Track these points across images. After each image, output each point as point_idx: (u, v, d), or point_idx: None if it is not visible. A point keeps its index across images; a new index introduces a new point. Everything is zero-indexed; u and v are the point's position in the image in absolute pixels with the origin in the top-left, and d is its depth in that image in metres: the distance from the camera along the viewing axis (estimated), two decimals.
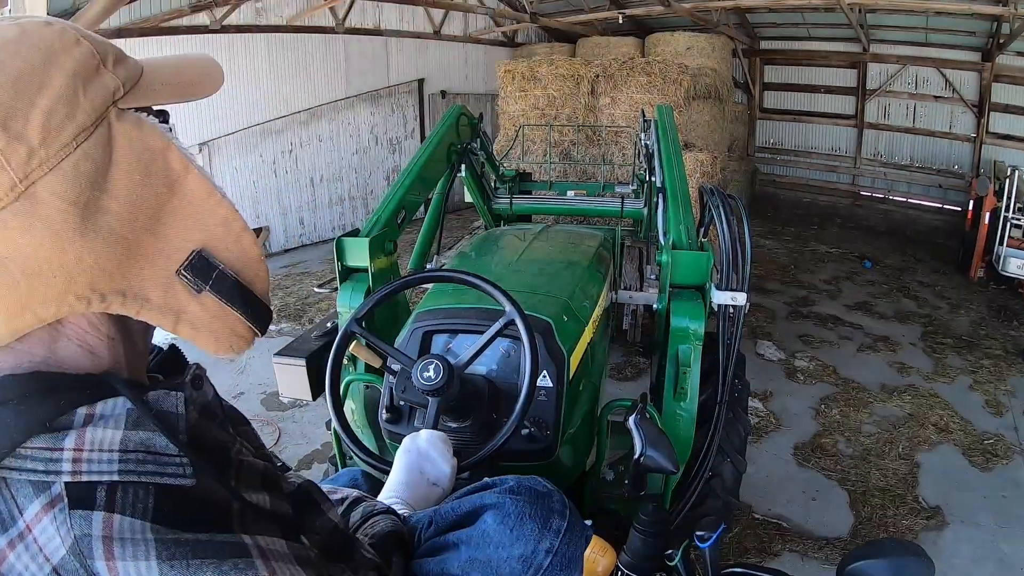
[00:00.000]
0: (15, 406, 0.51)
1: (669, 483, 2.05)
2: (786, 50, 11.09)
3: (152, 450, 0.53)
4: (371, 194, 9.87)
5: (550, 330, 1.79)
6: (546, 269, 2.45)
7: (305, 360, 2.23)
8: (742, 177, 11.08)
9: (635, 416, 1.29)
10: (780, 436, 4.16)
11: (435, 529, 0.98)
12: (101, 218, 0.52)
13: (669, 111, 3.72)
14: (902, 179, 10.49)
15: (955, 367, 5.35)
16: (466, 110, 3.70)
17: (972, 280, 7.71)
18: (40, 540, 0.49)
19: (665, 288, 2.21)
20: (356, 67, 9.35)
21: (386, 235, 2.40)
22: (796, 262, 8.39)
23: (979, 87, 9.40)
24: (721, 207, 2.32)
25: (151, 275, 0.57)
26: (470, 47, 11.14)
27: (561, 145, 7.81)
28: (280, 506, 0.63)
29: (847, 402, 4.64)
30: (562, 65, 7.89)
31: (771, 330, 5.97)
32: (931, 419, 4.48)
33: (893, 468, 3.89)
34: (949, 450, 4.15)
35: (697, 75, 9.16)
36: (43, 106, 0.49)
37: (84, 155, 0.51)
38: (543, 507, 0.92)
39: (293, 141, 8.74)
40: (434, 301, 2.02)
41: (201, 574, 0.50)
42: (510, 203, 4.57)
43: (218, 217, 0.61)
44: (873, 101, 10.46)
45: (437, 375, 1.34)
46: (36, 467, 0.50)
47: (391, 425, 1.73)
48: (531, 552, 0.90)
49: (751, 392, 4.54)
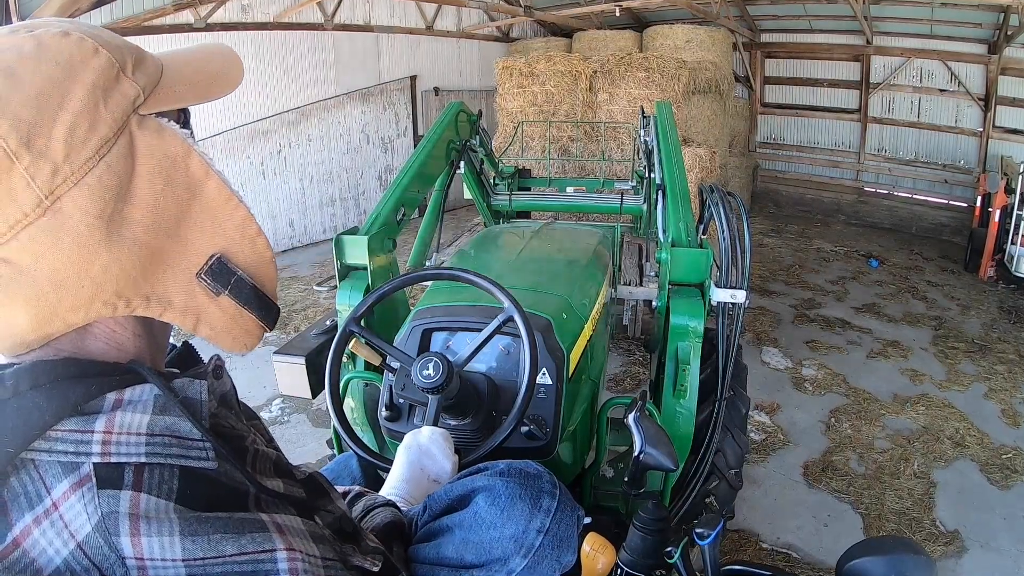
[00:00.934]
0: (47, 390, 0.52)
1: (668, 480, 2.07)
2: (787, 43, 10.83)
3: (177, 434, 0.55)
4: (363, 194, 9.64)
5: (550, 328, 1.79)
6: (545, 267, 2.44)
7: (304, 358, 2.24)
8: (743, 173, 10.83)
9: (634, 413, 1.26)
10: (788, 454, 3.93)
11: (429, 514, 1.00)
12: (125, 227, 0.54)
13: (668, 108, 3.70)
14: (907, 175, 10.25)
15: (968, 374, 5.13)
16: (465, 107, 3.66)
17: (982, 280, 7.49)
18: (66, 517, 0.50)
19: (665, 285, 2.22)
20: (346, 64, 9.10)
21: (385, 233, 2.41)
22: (801, 261, 8.17)
23: (985, 80, 9.16)
24: (720, 204, 2.30)
25: (173, 279, 0.59)
26: (464, 43, 10.88)
27: (560, 141, 7.75)
28: (294, 490, 0.65)
29: (858, 414, 4.42)
30: (560, 61, 7.81)
31: (776, 335, 5.74)
32: (946, 432, 4.26)
33: (908, 488, 3.68)
34: (966, 466, 3.94)
35: (696, 69, 8.96)
36: (65, 121, 0.50)
37: (107, 168, 0.52)
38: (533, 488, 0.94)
39: (281, 142, 8.49)
40: (433, 299, 2.02)
41: (221, 548, 0.52)
42: (509, 200, 4.56)
43: (235, 221, 0.62)
44: (877, 95, 10.21)
45: (437, 373, 1.34)
46: (66, 448, 0.51)
47: (391, 423, 1.74)
48: (522, 532, 0.93)
49: (755, 405, 4.36)
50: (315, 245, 8.95)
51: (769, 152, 11.59)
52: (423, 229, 3.32)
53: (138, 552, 0.50)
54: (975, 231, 7.97)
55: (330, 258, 3.57)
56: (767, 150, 11.60)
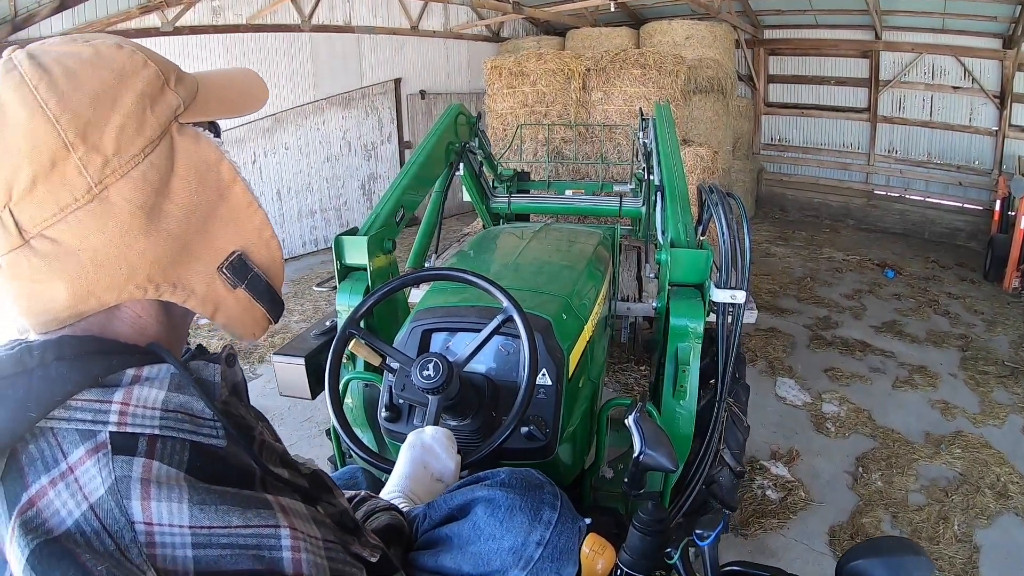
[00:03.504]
0: (71, 361, 0.56)
1: (668, 481, 2.07)
2: (792, 39, 10.34)
3: (190, 412, 0.59)
4: (345, 205, 9.13)
5: (549, 328, 1.78)
6: (545, 268, 2.43)
7: (304, 359, 2.24)
8: (747, 177, 10.34)
9: (634, 415, 1.21)
10: (811, 516, 3.43)
11: (429, 522, 1.03)
12: (162, 220, 0.60)
13: (667, 109, 3.70)
14: (919, 176, 9.76)
15: (1003, 404, 4.65)
16: (464, 109, 3.65)
17: (1006, 291, 7.00)
18: (81, 480, 0.53)
19: (664, 286, 2.23)
20: (325, 68, 8.58)
21: (385, 234, 2.43)
22: (812, 273, 7.67)
23: (1001, 77, 8.70)
24: (720, 205, 2.26)
25: (198, 270, 0.64)
26: (451, 43, 10.36)
27: (553, 143, 7.35)
28: (299, 480, 0.69)
29: (888, 461, 3.92)
30: (551, 60, 7.40)
31: (792, 363, 5.23)
32: (986, 480, 3.77)
33: (949, 555, 3.19)
34: (1011, 522, 3.46)
35: (697, 67, 8.55)
36: (116, 121, 0.57)
37: (151, 165, 0.59)
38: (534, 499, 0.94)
39: (256, 151, 7.97)
40: (433, 299, 2.02)
41: (228, 519, 0.55)
42: (508, 203, 4.61)
43: (255, 224, 0.69)
44: (887, 93, 9.72)
45: (437, 373, 1.34)
46: (84, 417, 0.55)
47: (390, 424, 1.74)
48: (521, 544, 0.94)
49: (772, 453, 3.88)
50: (296, 259, 8.44)
51: (774, 154, 11.10)
52: (422, 230, 3.34)
53: (147, 517, 0.52)
54: (995, 237, 7.49)
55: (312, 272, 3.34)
56: (772, 152, 11.11)
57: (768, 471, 3.77)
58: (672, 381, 2.08)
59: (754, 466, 3.78)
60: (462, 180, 4.07)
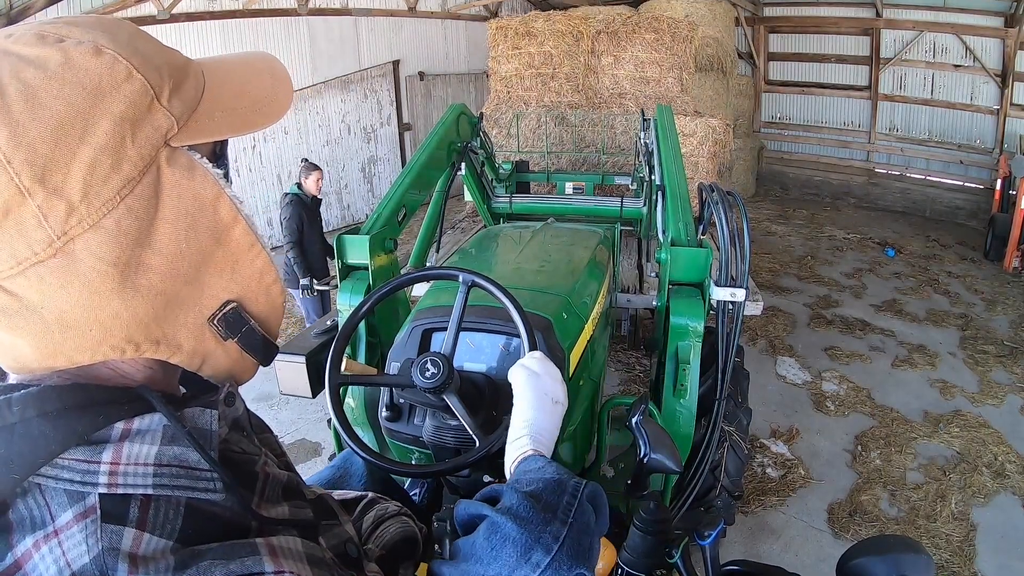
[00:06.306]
0: (54, 418, 0.50)
1: (669, 481, 2.09)
2: (792, 16, 10.26)
3: (185, 464, 0.54)
4: (346, 188, 9.08)
5: (550, 328, 1.77)
6: (545, 267, 2.40)
7: (305, 358, 2.22)
8: (748, 155, 10.31)
9: (637, 417, 1.21)
10: (811, 494, 3.49)
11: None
12: (142, 275, 0.51)
13: (669, 111, 3.70)
14: (920, 155, 9.76)
15: (1002, 384, 4.71)
16: (466, 109, 3.64)
17: (1006, 270, 7.04)
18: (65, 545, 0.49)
19: (664, 285, 2.24)
20: (323, 51, 8.51)
21: (386, 233, 2.42)
22: (812, 252, 7.70)
23: (1003, 55, 8.68)
24: (720, 203, 2.25)
25: (185, 323, 0.56)
26: (449, 23, 10.26)
27: (558, 108, 6.94)
28: (301, 513, 0.64)
29: (887, 439, 3.98)
30: (560, 20, 6.93)
31: (792, 342, 5.28)
32: (984, 459, 3.85)
33: (946, 533, 3.26)
34: (1007, 501, 3.53)
35: (698, 45, 8.41)
36: (86, 157, 0.46)
37: (127, 211, 0.49)
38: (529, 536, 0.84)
39: (255, 136, 7.89)
40: (434, 299, 1.99)
41: (209, 573, 0.50)
42: (510, 203, 4.62)
43: (255, 269, 0.61)
44: (888, 71, 9.69)
45: (438, 371, 1.31)
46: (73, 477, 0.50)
47: (391, 423, 1.72)
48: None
49: (772, 431, 3.93)
50: None
51: (774, 132, 11.07)
52: (424, 230, 3.34)
53: None
54: (996, 216, 7.52)
55: None
56: (772, 130, 11.07)
57: (768, 449, 3.83)
58: (672, 380, 2.08)
59: (755, 444, 3.84)
60: (463, 180, 4.07)
